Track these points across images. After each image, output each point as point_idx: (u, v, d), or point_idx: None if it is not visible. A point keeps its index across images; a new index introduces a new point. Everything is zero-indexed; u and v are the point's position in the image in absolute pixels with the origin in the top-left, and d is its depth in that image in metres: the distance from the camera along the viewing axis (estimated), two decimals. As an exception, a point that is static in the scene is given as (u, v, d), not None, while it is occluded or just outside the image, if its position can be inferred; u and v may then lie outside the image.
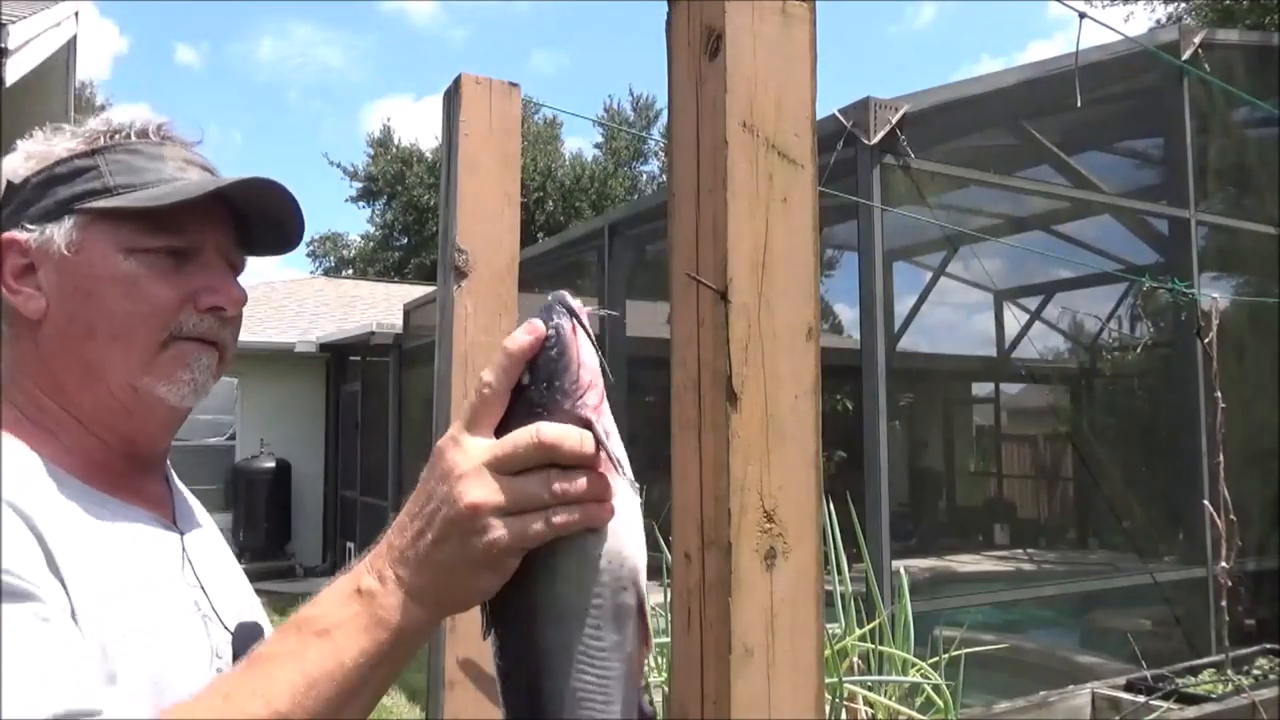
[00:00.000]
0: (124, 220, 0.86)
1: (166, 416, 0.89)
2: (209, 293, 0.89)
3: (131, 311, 0.85)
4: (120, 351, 0.85)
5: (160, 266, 0.87)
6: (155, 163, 0.89)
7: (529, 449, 0.62)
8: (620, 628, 0.65)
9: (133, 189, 0.87)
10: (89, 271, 0.85)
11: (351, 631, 0.62)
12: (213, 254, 0.90)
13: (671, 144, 0.76)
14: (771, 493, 0.70)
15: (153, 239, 0.86)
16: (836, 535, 1.99)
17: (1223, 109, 6.16)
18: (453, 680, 1.47)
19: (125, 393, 0.86)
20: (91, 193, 0.86)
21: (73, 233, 0.85)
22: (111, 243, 0.86)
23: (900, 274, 8.02)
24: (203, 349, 0.89)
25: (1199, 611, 5.08)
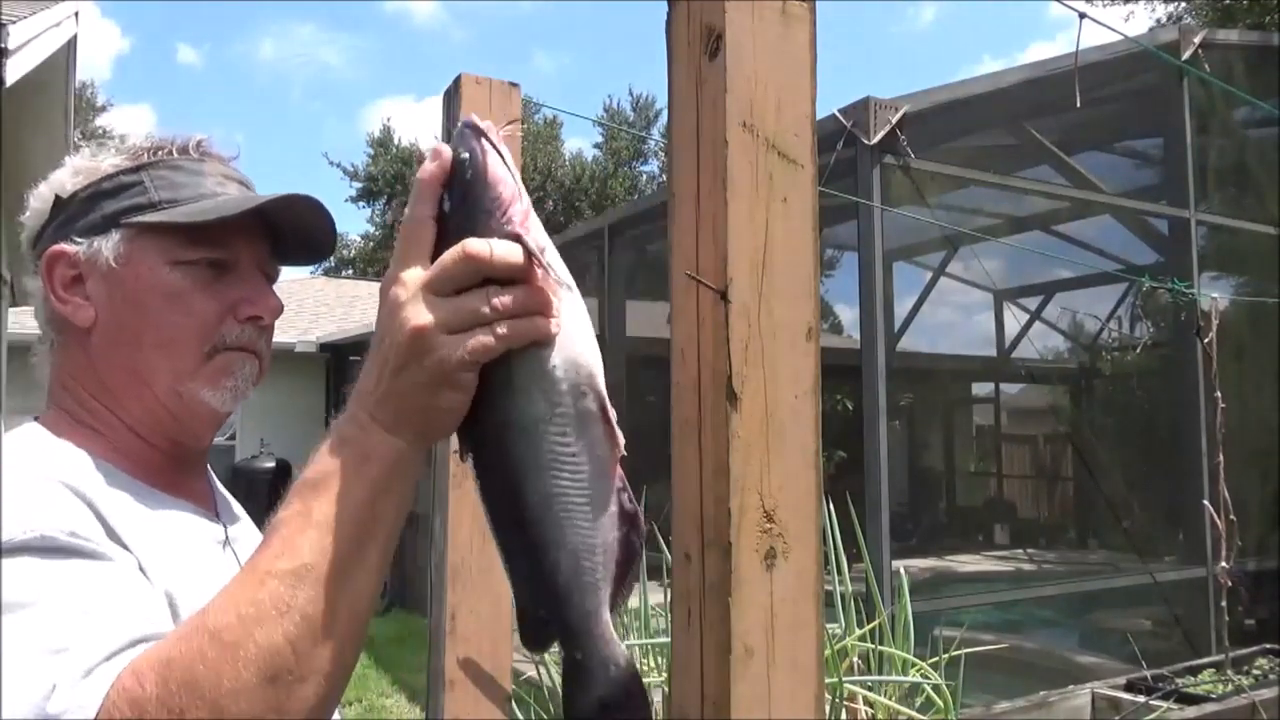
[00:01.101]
0: (168, 234, 0.90)
1: (210, 419, 0.94)
2: (248, 304, 0.93)
3: (177, 322, 0.89)
4: (166, 359, 0.89)
5: (202, 278, 0.90)
6: (196, 178, 0.93)
7: (458, 264, 0.64)
8: (585, 431, 0.66)
9: (176, 204, 0.91)
10: (136, 283, 0.89)
11: (344, 476, 0.65)
12: (249, 266, 0.94)
13: (671, 144, 0.76)
14: (771, 493, 0.70)
15: (195, 251, 0.90)
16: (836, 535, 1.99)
17: (1223, 109, 6.17)
18: (453, 680, 1.47)
19: (171, 398, 0.90)
20: (137, 207, 0.90)
21: (120, 245, 0.89)
22: (157, 255, 0.89)
23: (900, 274, 8.02)
24: (246, 357, 0.93)
25: (1199, 611, 5.08)
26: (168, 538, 0.83)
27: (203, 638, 0.60)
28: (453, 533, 1.51)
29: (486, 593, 1.51)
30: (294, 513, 0.65)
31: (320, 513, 0.64)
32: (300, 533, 0.64)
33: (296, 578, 0.62)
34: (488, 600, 1.51)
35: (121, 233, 0.89)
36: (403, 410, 0.65)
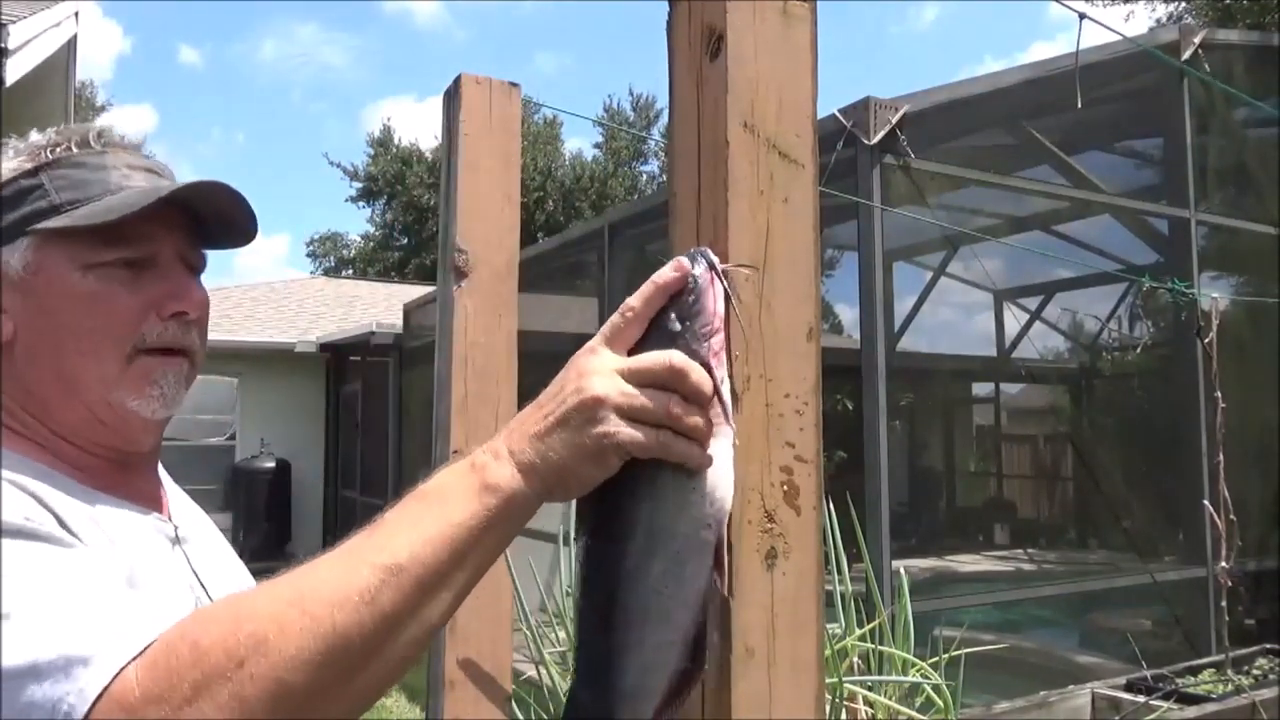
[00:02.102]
0: (76, 237, 0.86)
1: (144, 426, 0.91)
2: (170, 299, 0.89)
3: (95, 327, 0.86)
4: (90, 367, 0.87)
5: (118, 279, 0.87)
6: (99, 174, 0.89)
7: (660, 368, 0.66)
8: (698, 559, 0.68)
9: (79, 204, 0.87)
10: (49, 291, 0.86)
11: (462, 497, 0.66)
12: (169, 259, 0.91)
13: (672, 144, 0.76)
14: (771, 493, 0.70)
15: (107, 252, 0.87)
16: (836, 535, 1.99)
17: (1223, 109, 6.16)
18: (453, 680, 1.47)
19: (101, 407, 0.88)
20: (40, 213, 0.87)
21: (28, 254, 0.86)
22: (67, 260, 0.86)
23: (900, 274, 8.01)
24: (167, 362, 0.90)
25: (1199, 611, 5.08)
26: (116, 532, 0.83)
27: (286, 601, 0.61)
28: (453, 533, 1.51)
29: (486, 593, 1.51)
30: (404, 514, 0.66)
31: (428, 522, 0.65)
32: (403, 534, 0.64)
33: (388, 574, 0.62)
34: (488, 600, 1.51)
35: (28, 241, 0.86)
36: (544, 461, 0.66)
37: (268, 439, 11.74)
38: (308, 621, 0.60)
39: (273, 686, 0.58)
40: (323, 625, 0.60)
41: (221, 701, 0.58)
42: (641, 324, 0.68)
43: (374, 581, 0.62)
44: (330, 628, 0.60)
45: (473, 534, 0.65)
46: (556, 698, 2.03)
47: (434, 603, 0.64)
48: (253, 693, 0.58)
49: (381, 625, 0.61)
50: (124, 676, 0.60)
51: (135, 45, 53.95)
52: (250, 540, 11.10)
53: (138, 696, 0.59)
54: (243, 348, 11.70)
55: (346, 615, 0.61)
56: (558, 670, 2.09)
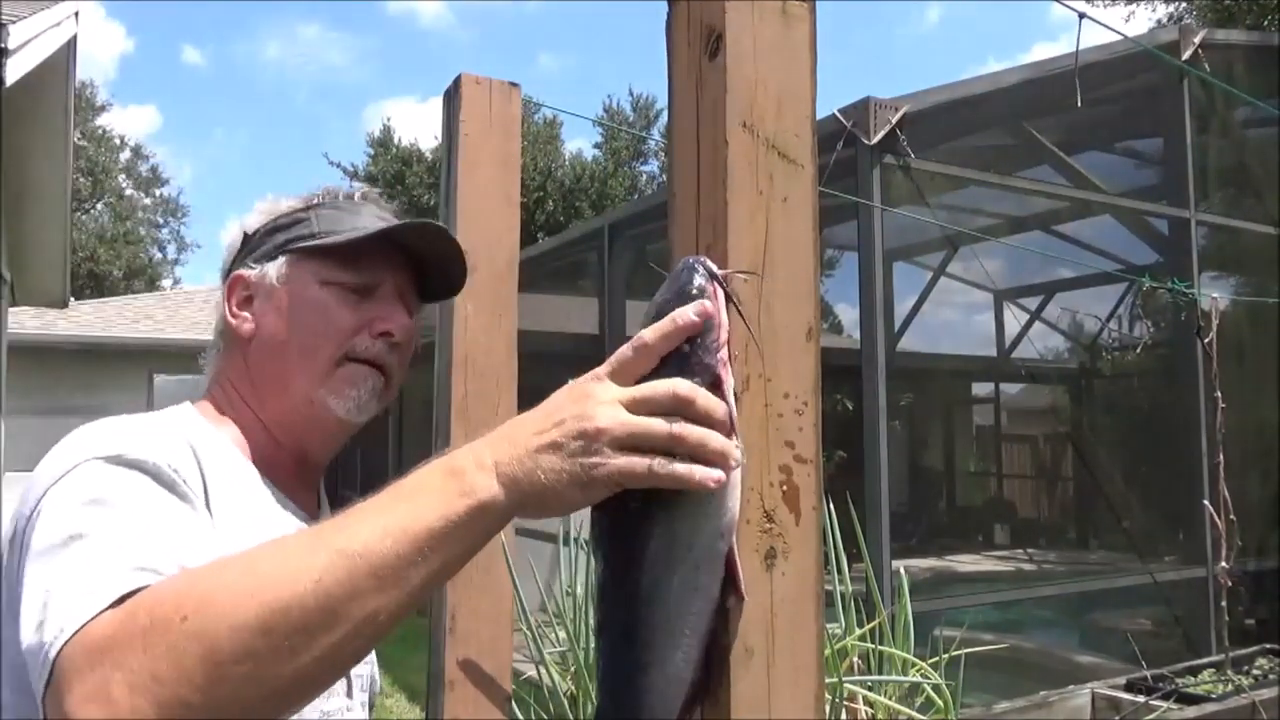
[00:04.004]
0: (323, 258, 1.04)
1: (335, 429, 1.05)
2: (380, 320, 1.04)
3: (317, 330, 1.02)
4: (305, 364, 1.01)
5: (346, 298, 1.03)
6: (353, 217, 1.07)
7: (663, 397, 0.66)
8: (713, 569, 0.68)
9: (332, 235, 1.05)
10: (290, 298, 1.03)
11: (437, 497, 0.66)
12: (389, 291, 1.06)
13: (671, 144, 0.76)
14: (771, 493, 0.70)
15: (343, 274, 1.04)
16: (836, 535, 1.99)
17: (1223, 109, 6.16)
18: (452, 680, 1.47)
19: (304, 403, 1.01)
20: (301, 238, 1.05)
21: (283, 268, 1.04)
22: (312, 275, 1.04)
23: (900, 274, 8.02)
24: (369, 372, 1.03)
25: (1199, 611, 5.08)
26: (256, 521, 0.93)
27: (242, 568, 0.64)
28: (453, 533, 1.51)
29: (486, 593, 1.51)
30: (374, 505, 0.67)
31: (395, 517, 0.65)
32: (367, 523, 0.65)
33: (341, 558, 0.63)
34: (488, 600, 1.51)
35: (286, 258, 1.04)
36: (529, 480, 0.65)
37: (268, 439, 11.72)
38: (253, 587, 0.62)
39: (205, 644, 0.60)
40: (265, 594, 0.61)
41: (158, 652, 0.60)
42: (652, 360, 0.67)
43: (325, 562, 0.63)
44: (272, 597, 0.61)
45: (437, 536, 0.65)
46: (556, 698, 2.03)
47: (383, 597, 0.64)
48: (185, 647, 0.60)
49: (324, 605, 0.62)
50: (100, 619, 0.64)
51: (139, 46, 54.11)
52: (250, 540, 11.08)
53: (97, 637, 0.63)
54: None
55: (290, 589, 0.62)
56: (558, 670, 2.09)
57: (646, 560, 0.68)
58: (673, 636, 0.68)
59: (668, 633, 0.68)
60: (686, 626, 0.68)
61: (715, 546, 0.68)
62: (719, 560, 0.68)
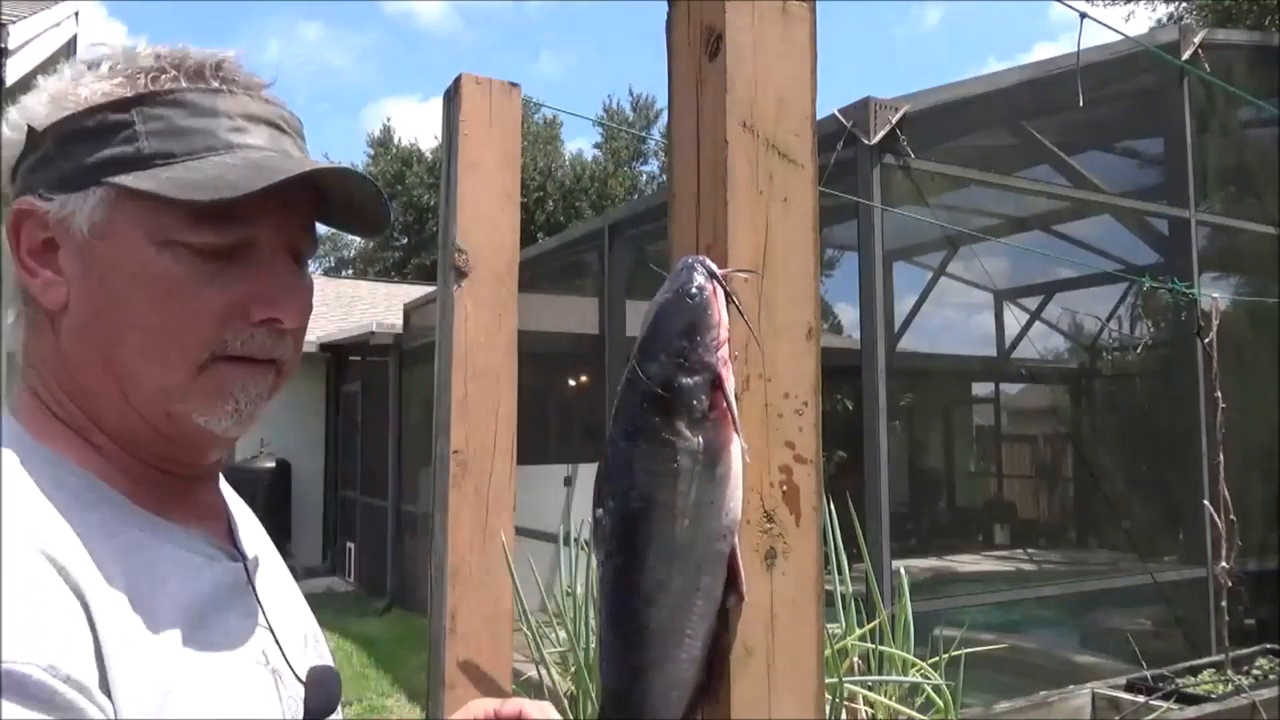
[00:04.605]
0: (158, 203, 0.67)
1: (210, 442, 0.75)
2: (263, 302, 0.71)
3: (164, 326, 0.69)
4: (151, 371, 0.69)
5: (201, 267, 0.69)
6: (205, 121, 0.70)
7: None
8: (715, 570, 0.68)
9: (173, 159, 0.68)
10: (115, 264, 0.68)
11: None
12: (272, 248, 0.72)
13: (671, 144, 0.76)
14: (771, 493, 0.70)
15: (193, 231, 0.68)
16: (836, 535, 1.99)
17: (1223, 109, 6.16)
18: (452, 681, 1.47)
19: (158, 419, 0.71)
20: (122, 161, 0.68)
21: (97, 211, 0.68)
22: (143, 231, 0.68)
23: (900, 274, 8.01)
24: (250, 374, 0.72)
25: (1199, 611, 5.08)
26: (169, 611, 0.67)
27: None
28: (453, 533, 1.51)
29: (486, 593, 1.51)
30: None
31: None
32: None
33: None
34: (488, 600, 1.51)
35: (101, 192, 0.68)
36: None
37: (268, 439, 11.73)
38: None
39: None
40: None
41: None
42: None
43: None
44: None
45: None
46: (556, 698, 2.03)
47: None
48: None
49: None
50: None
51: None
52: (250, 540, 11.09)
53: None
54: (243, 348, 11.65)
55: None
56: (558, 670, 2.09)
57: (648, 561, 0.68)
58: (674, 637, 0.68)
59: (669, 633, 0.68)
60: (688, 627, 0.68)
61: (716, 547, 0.68)
62: (720, 561, 0.68)
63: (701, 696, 0.70)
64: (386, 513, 10.04)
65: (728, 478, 0.67)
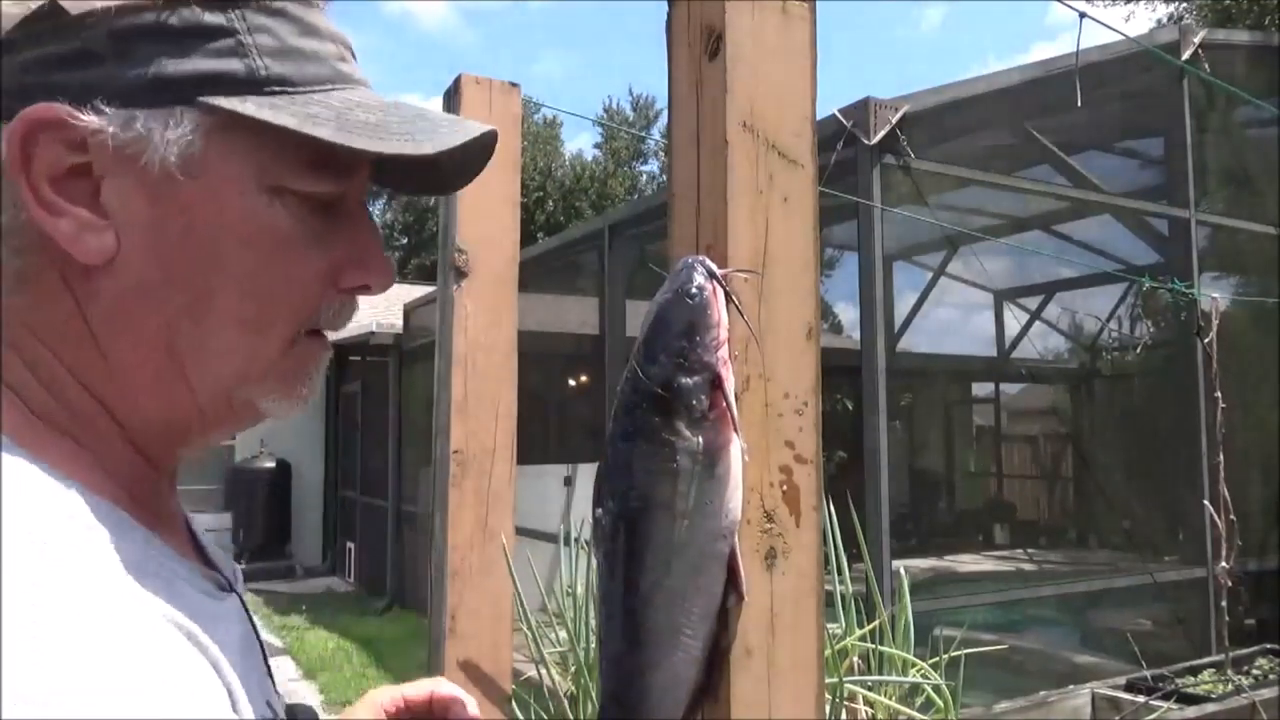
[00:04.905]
0: (277, 139, 0.54)
1: (230, 433, 0.64)
2: (357, 266, 0.60)
3: (270, 290, 0.57)
4: (245, 343, 0.57)
5: (309, 223, 0.57)
6: (313, 41, 0.58)
7: None
8: (713, 570, 0.68)
9: (291, 90, 0.55)
10: (211, 210, 0.54)
11: None
12: (357, 204, 0.62)
13: (671, 144, 0.76)
14: (771, 493, 0.70)
15: (306, 179, 0.56)
16: (836, 535, 1.98)
17: (1223, 109, 6.16)
18: (452, 681, 1.47)
19: (216, 403, 0.58)
20: (230, 80, 0.54)
21: (192, 139, 0.53)
22: (253, 172, 0.55)
23: (900, 274, 8.02)
24: (325, 350, 0.62)
25: (1199, 611, 5.08)
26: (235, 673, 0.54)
27: None
28: (453, 533, 1.51)
29: (486, 593, 1.51)
30: None
31: None
32: None
33: None
34: (488, 600, 1.51)
35: (196, 116, 0.53)
36: None
37: (267, 439, 11.73)
38: None
39: None
40: None
41: None
42: None
43: None
44: None
45: None
46: (556, 698, 2.03)
47: None
48: None
49: None
50: None
51: (135, 45, 54.01)
52: (250, 541, 11.12)
53: None
54: (243, 348, 11.67)
55: None
56: (558, 670, 2.09)
57: (648, 561, 0.68)
58: (674, 637, 0.68)
59: (669, 633, 0.68)
60: (688, 627, 0.68)
61: (716, 547, 0.68)
62: (720, 561, 0.68)
63: (701, 696, 0.70)
64: (386, 513, 10.04)
65: (727, 478, 0.67)
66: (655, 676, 0.69)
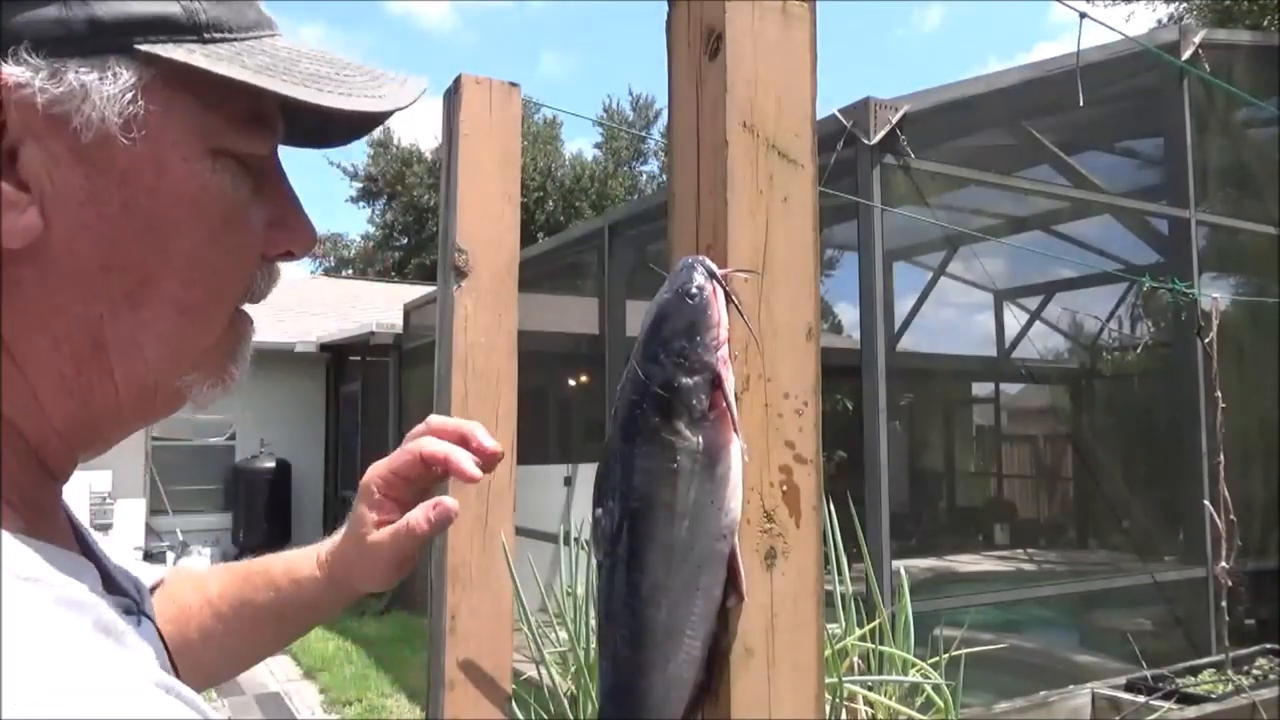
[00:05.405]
0: (218, 94, 0.48)
1: (159, 419, 0.55)
2: (282, 231, 0.55)
3: (218, 265, 0.51)
4: (189, 327, 0.51)
5: (246, 185, 0.52)
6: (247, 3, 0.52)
7: None
8: (714, 570, 0.68)
9: (231, 36, 0.49)
10: (155, 176, 0.47)
11: None
12: (277, 165, 0.57)
13: (671, 144, 0.76)
14: (771, 493, 0.70)
15: (252, 137, 0.51)
16: (836, 535, 1.99)
17: (1223, 109, 6.16)
18: (452, 680, 1.47)
19: (142, 394, 0.51)
20: (170, 24, 0.47)
21: (134, 95, 0.46)
22: (198, 132, 0.49)
23: (900, 274, 8.02)
24: (251, 323, 0.57)
25: (1199, 611, 5.08)
26: None
27: None
28: (452, 533, 1.51)
29: (486, 593, 1.51)
30: None
31: None
32: None
33: None
34: (488, 600, 1.51)
35: (134, 68, 0.46)
36: None
37: (268, 439, 11.73)
38: None
39: None
40: None
41: None
42: None
43: None
44: None
45: None
46: (556, 698, 2.03)
47: None
48: None
49: None
50: None
51: (136, 45, 54.04)
52: (250, 540, 11.11)
53: None
54: (242, 348, 11.68)
55: None
56: (558, 670, 2.09)
57: (647, 561, 0.68)
58: (674, 638, 0.68)
59: (669, 634, 0.68)
60: (688, 627, 0.68)
61: (716, 547, 0.68)
62: (720, 561, 0.68)
63: (701, 696, 0.70)
64: (386, 513, 10.03)
65: (727, 478, 0.67)
66: (655, 677, 0.69)
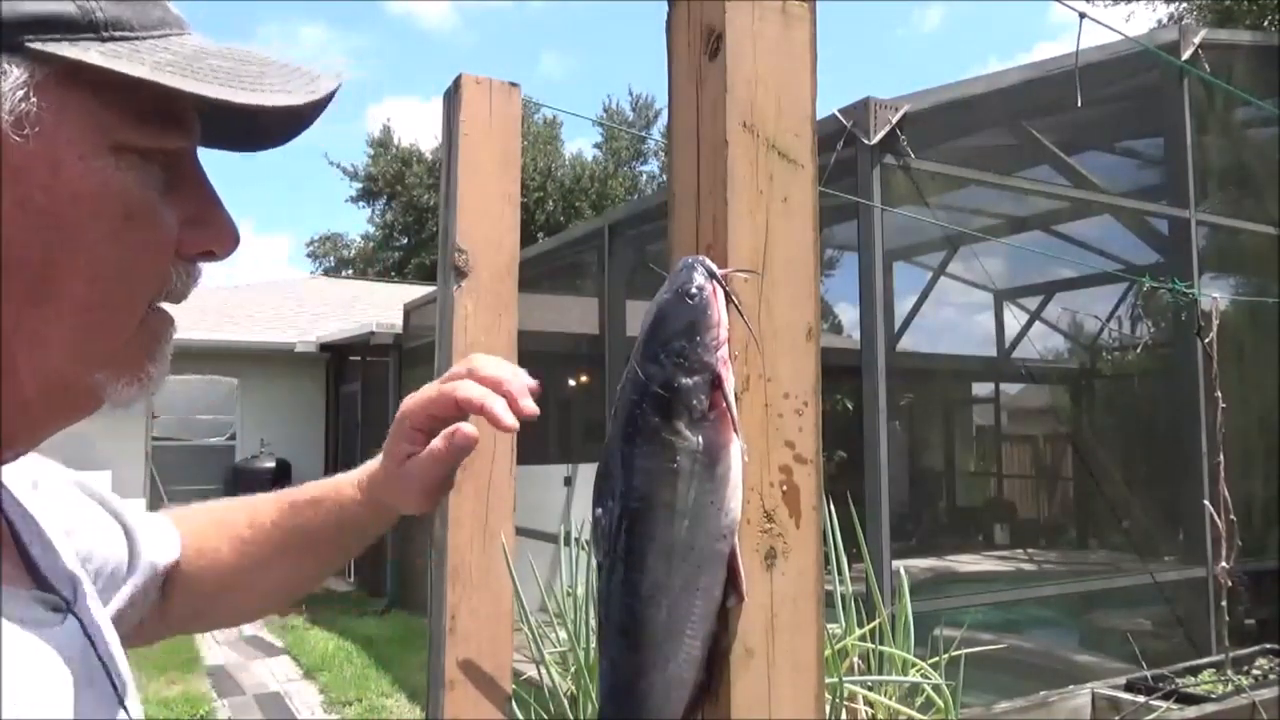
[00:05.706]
0: (115, 91, 0.48)
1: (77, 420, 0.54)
2: (200, 230, 0.55)
3: (121, 264, 0.50)
4: (96, 328, 0.50)
5: (155, 182, 0.51)
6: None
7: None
8: (711, 571, 0.68)
9: (133, 35, 0.49)
10: (51, 176, 0.47)
11: None
12: (194, 161, 0.56)
13: (671, 144, 0.76)
14: (771, 493, 0.70)
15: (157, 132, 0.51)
16: (836, 535, 1.98)
17: (1223, 109, 6.16)
18: (452, 680, 1.47)
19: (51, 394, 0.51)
20: (63, 21, 0.46)
21: (28, 93, 0.46)
22: (96, 129, 0.48)
23: (900, 274, 8.02)
24: (171, 322, 0.56)
25: (1199, 611, 5.08)
26: None
27: None
28: (453, 533, 1.51)
29: (486, 593, 1.51)
30: None
31: None
32: None
33: None
34: (488, 600, 1.51)
35: (27, 66, 0.46)
36: None
37: (268, 439, 11.74)
38: None
39: None
40: None
41: None
42: None
43: None
44: None
45: None
46: (556, 698, 2.03)
47: None
48: None
49: None
50: None
51: (136, 45, 54.05)
52: (250, 540, 11.09)
53: None
54: (243, 348, 11.70)
55: None
56: (558, 670, 2.09)
57: (647, 561, 0.68)
58: (674, 638, 0.68)
59: (669, 634, 0.68)
60: (688, 628, 0.68)
61: (716, 547, 0.68)
62: (720, 561, 0.68)
63: (701, 696, 0.70)
64: (386, 513, 10.03)
65: (727, 478, 0.67)
66: (655, 677, 0.69)
